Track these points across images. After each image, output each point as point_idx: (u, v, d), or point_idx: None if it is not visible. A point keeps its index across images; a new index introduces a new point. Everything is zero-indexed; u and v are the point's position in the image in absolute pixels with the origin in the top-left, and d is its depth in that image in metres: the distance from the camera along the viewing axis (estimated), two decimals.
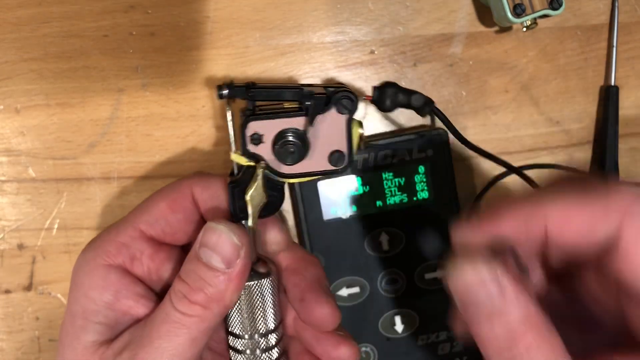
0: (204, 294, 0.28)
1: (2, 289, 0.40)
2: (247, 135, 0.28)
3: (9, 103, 0.39)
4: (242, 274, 0.28)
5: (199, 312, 0.28)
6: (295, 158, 0.29)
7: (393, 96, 0.33)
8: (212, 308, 0.28)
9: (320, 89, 0.30)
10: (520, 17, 0.37)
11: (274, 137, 0.29)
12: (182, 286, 0.28)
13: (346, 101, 0.28)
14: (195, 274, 0.28)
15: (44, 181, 0.39)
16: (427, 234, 0.39)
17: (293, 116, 0.28)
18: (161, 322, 0.28)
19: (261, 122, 0.28)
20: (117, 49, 0.39)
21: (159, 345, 0.28)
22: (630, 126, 0.42)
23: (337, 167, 0.30)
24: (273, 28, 0.40)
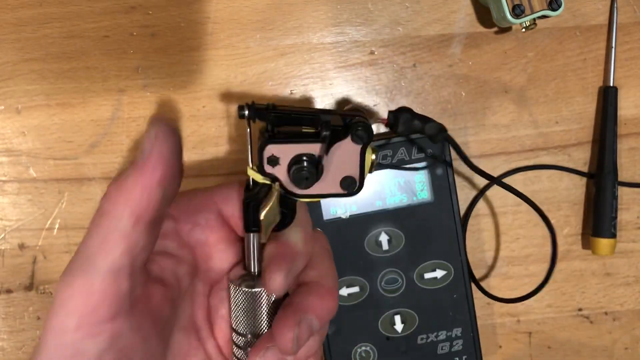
0: (114, 184, 0.27)
1: (3, 289, 0.40)
2: (264, 157, 0.29)
3: (10, 103, 0.39)
4: (152, 164, 0.26)
5: (106, 206, 0.27)
6: (308, 184, 0.30)
7: (408, 122, 0.34)
8: (119, 202, 0.26)
9: (337, 118, 0.30)
10: (520, 17, 0.37)
11: (290, 160, 0.30)
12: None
13: (362, 132, 0.29)
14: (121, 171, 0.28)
15: (45, 181, 0.40)
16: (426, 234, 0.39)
17: (309, 142, 0.29)
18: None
19: (279, 145, 0.29)
20: (118, 50, 0.39)
21: (78, 248, 0.27)
22: (629, 126, 0.42)
23: (347, 191, 0.31)
24: (273, 29, 0.40)
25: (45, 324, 0.27)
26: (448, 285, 0.40)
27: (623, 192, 0.42)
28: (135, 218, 0.26)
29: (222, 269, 0.33)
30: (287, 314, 0.29)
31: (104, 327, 0.26)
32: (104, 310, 0.26)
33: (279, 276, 0.28)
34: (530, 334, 0.43)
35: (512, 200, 0.42)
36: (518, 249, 0.42)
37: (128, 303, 0.27)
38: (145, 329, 0.29)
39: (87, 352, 0.26)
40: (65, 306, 0.26)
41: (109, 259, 0.26)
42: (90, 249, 0.26)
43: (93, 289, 0.26)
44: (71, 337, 0.26)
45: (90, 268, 0.26)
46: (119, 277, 0.26)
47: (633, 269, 0.43)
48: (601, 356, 0.44)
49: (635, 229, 0.43)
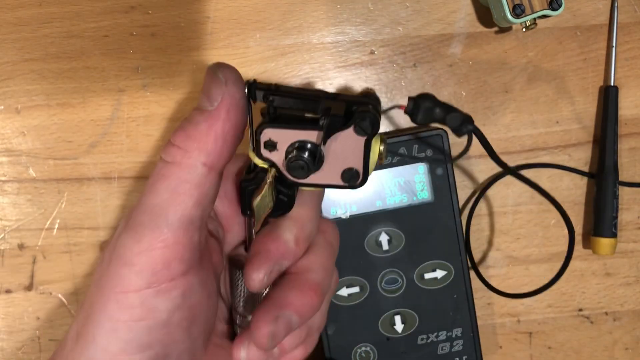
0: (183, 132, 0.25)
1: (2, 289, 0.40)
2: (261, 141, 0.28)
3: (9, 103, 0.39)
4: (225, 110, 0.25)
5: (177, 156, 0.25)
6: (304, 173, 0.28)
7: (429, 110, 0.30)
8: (192, 150, 0.25)
9: (341, 105, 0.28)
10: (520, 17, 0.37)
11: (288, 146, 0.28)
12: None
13: (365, 124, 0.27)
14: (185, 119, 0.26)
15: (45, 181, 0.40)
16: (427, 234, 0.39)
17: (310, 129, 0.27)
18: (149, 179, 0.26)
19: (276, 130, 0.27)
20: (118, 50, 0.39)
21: (142, 203, 0.25)
22: (630, 126, 0.42)
23: (349, 184, 0.29)
24: (273, 28, 0.40)
25: (102, 283, 0.25)
26: (448, 285, 0.40)
27: (623, 192, 0.42)
28: (208, 167, 0.25)
29: (237, 243, 0.32)
30: (265, 309, 0.28)
31: (177, 282, 0.25)
32: (178, 264, 0.25)
33: (259, 275, 0.27)
34: (531, 334, 0.43)
35: (512, 200, 0.42)
36: (518, 249, 0.42)
37: (198, 256, 0.26)
38: (209, 284, 0.28)
39: (158, 309, 0.25)
40: (133, 264, 0.25)
41: (180, 211, 0.25)
42: (158, 200, 0.25)
43: (166, 243, 0.25)
44: (141, 296, 0.25)
45: (161, 221, 0.25)
46: (190, 229, 0.25)
47: (633, 269, 0.43)
48: (601, 356, 0.43)
49: (636, 229, 0.43)
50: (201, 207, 0.26)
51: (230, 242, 0.32)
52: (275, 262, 0.28)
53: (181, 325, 0.26)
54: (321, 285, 0.29)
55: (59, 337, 0.41)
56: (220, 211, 0.31)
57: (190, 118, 0.26)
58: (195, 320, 0.27)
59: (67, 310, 0.41)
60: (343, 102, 0.28)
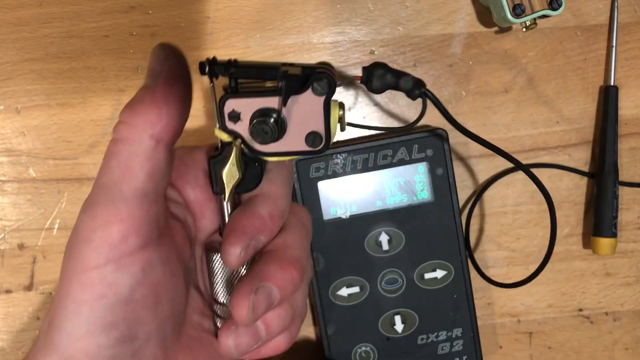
0: (129, 108, 0.26)
1: (2, 289, 0.40)
2: (225, 113, 0.28)
3: (9, 103, 0.39)
4: (166, 83, 0.26)
5: (124, 132, 0.25)
6: (269, 138, 0.28)
7: (382, 77, 0.32)
8: (137, 124, 0.25)
9: (298, 68, 0.29)
10: (520, 17, 0.37)
11: (252, 115, 0.28)
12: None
13: (322, 83, 0.28)
14: (132, 98, 0.26)
15: (45, 181, 0.39)
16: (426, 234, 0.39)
17: (271, 96, 0.28)
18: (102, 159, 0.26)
19: (238, 100, 0.28)
20: (118, 50, 0.39)
21: (96, 181, 0.26)
22: (630, 126, 0.42)
23: (313, 148, 0.29)
24: (273, 28, 0.40)
25: (66, 264, 0.25)
26: (448, 285, 0.40)
27: (623, 192, 0.42)
28: (155, 140, 0.25)
29: (213, 230, 0.32)
30: (244, 283, 0.28)
31: (135, 256, 0.25)
32: (135, 238, 0.25)
33: (236, 250, 0.28)
34: (531, 334, 0.43)
35: (512, 200, 0.42)
36: (518, 249, 0.42)
37: (157, 231, 0.26)
38: (172, 263, 0.28)
39: (119, 285, 0.25)
40: (91, 240, 0.25)
41: (133, 184, 0.25)
42: (110, 177, 0.25)
43: (121, 216, 0.25)
44: (101, 272, 0.25)
45: (115, 196, 0.25)
46: (145, 202, 0.25)
47: (633, 269, 0.43)
48: (601, 356, 0.43)
49: (636, 229, 0.43)
50: (154, 179, 0.26)
51: (204, 229, 0.32)
52: (251, 236, 0.28)
53: (145, 303, 0.26)
54: (300, 261, 0.29)
55: None
56: (192, 198, 0.31)
57: (135, 96, 0.26)
58: (160, 300, 0.27)
59: None
60: (300, 66, 0.29)
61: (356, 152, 0.38)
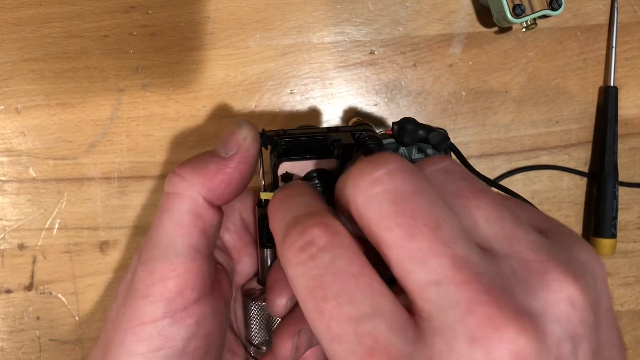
0: (189, 165, 0.26)
1: (2, 289, 0.40)
2: (278, 174, 0.29)
3: (9, 103, 0.39)
4: (237, 161, 0.27)
5: (179, 186, 0.26)
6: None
7: (412, 133, 0.34)
8: (195, 183, 0.26)
9: (347, 134, 0.31)
10: (520, 17, 0.37)
11: (304, 176, 0.30)
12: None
13: (372, 146, 0.29)
14: (194, 156, 0.27)
15: (45, 181, 0.39)
16: None
17: (322, 158, 0.29)
18: (155, 214, 0.27)
19: (292, 162, 0.29)
20: (118, 49, 0.39)
21: (150, 237, 0.26)
22: (630, 126, 0.42)
23: None
24: (273, 28, 0.40)
25: (119, 317, 0.26)
26: None
27: (623, 192, 0.42)
28: (209, 200, 0.26)
29: (248, 274, 0.33)
30: (288, 324, 0.29)
31: (190, 310, 0.26)
32: (190, 292, 0.26)
33: (282, 300, 0.28)
34: None
35: None
36: None
37: (209, 284, 0.27)
38: (221, 313, 0.29)
39: (174, 338, 0.26)
40: (149, 295, 0.26)
41: (187, 241, 0.26)
42: (164, 234, 0.26)
43: (178, 272, 0.26)
44: (157, 326, 0.25)
45: (170, 252, 0.26)
46: (198, 258, 0.26)
47: (633, 269, 0.43)
48: None
49: (636, 229, 0.43)
50: (206, 236, 0.27)
51: (241, 272, 0.33)
52: None
53: (196, 354, 0.27)
54: None
55: (58, 337, 0.41)
56: (230, 244, 0.32)
57: (200, 156, 0.27)
58: (209, 350, 0.28)
59: (67, 310, 0.41)
60: (347, 132, 0.31)
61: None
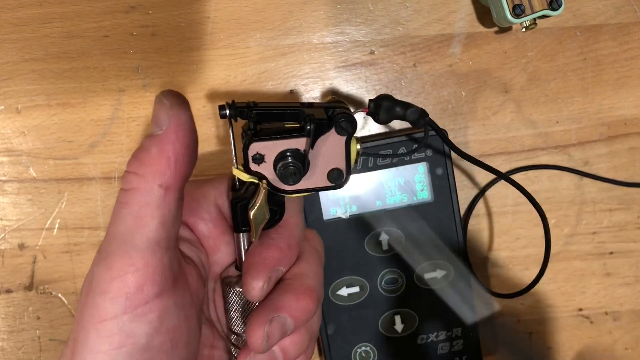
0: (136, 159, 0.26)
1: (3, 289, 0.40)
2: (249, 155, 0.29)
3: (10, 103, 0.39)
4: (173, 132, 0.26)
5: (134, 182, 0.26)
6: (296, 179, 0.29)
7: (389, 109, 0.33)
8: (146, 175, 0.26)
9: (321, 110, 0.30)
10: (520, 17, 0.37)
11: (276, 157, 0.29)
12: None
13: (345, 123, 0.29)
14: (138, 147, 0.27)
15: (45, 181, 0.40)
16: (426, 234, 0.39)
17: (294, 137, 0.29)
18: (113, 209, 0.27)
19: (263, 143, 0.29)
20: (118, 50, 0.39)
21: (108, 232, 0.26)
22: (630, 126, 0.42)
23: (335, 183, 0.31)
24: (273, 28, 0.40)
25: (82, 316, 0.26)
26: (448, 285, 0.40)
27: (623, 192, 0.42)
28: (165, 189, 0.26)
29: (227, 263, 0.32)
30: (260, 312, 0.28)
31: (151, 305, 0.26)
32: (150, 287, 0.26)
33: (258, 283, 0.28)
34: (531, 334, 0.43)
35: (512, 200, 0.42)
36: (518, 249, 0.42)
37: (171, 277, 0.27)
38: (187, 308, 0.28)
39: (136, 334, 0.26)
40: (107, 292, 0.25)
41: (145, 234, 0.26)
42: (123, 227, 0.26)
43: (136, 266, 0.25)
44: (118, 322, 0.25)
45: (127, 246, 0.26)
46: (158, 251, 0.26)
47: (633, 269, 0.43)
48: (601, 356, 0.44)
49: (636, 229, 0.43)
50: (165, 228, 0.26)
51: (219, 262, 0.32)
52: (272, 268, 0.29)
53: (162, 349, 0.27)
54: (315, 290, 0.30)
55: (59, 337, 0.41)
56: (206, 234, 0.32)
57: (141, 145, 0.27)
58: (176, 344, 0.27)
59: (67, 310, 0.41)
60: (321, 107, 0.30)
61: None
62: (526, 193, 0.35)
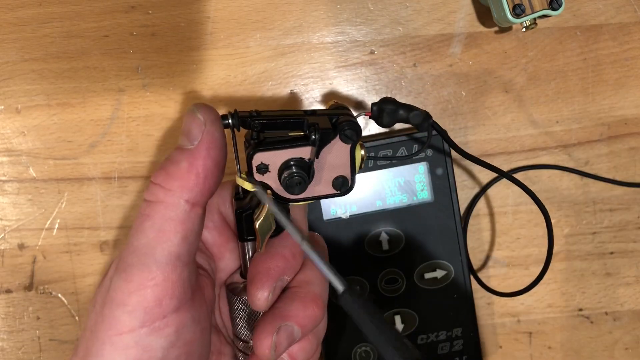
0: (164, 172, 0.26)
1: (2, 289, 0.40)
2: (253, 165, 0.29)
3: (9, 103, 0.39)
4: (205, 148, 0.26)
5: (160, 195, 0.26)
6: (302, 188, 0.29)
7: (392, 113, 0.33)
8: (174, 189, 0.25)
9: (324, 118, 0.30)
10: (520, 17, 0.37)
11: (280, 166, 0.29)
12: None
13: (350, 132, 0.29)
14: (166, 158, 0.27)
15: (45, 181, 0.40)
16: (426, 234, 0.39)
17: (298, 146, 0.29)
18: (135, 220, 0.26)
19: (267, 152, 0.28)
20: (118, 49, 0.39)
21: (130, 244, 0.26)
22: (630, 126, 0.42)
23: (341, 190, 0.30)
24: (273, 28, 0.40)
25: (96, 327, 0.25)
26: (448, 285, 0.40)
27: (623, 192, 0.42)
28: (191, 204, 0.26)
29: (232, 270, 0.32)
30: (267, 321, 0.28)
31: (169, 319, 0.26)
32: (169, 301, 0.25)
33: (263, 294, 0.28)
34: (531, 334, 0.43)
35: (512, 200, 0.42)
36: (518, 249, 0.42)
37: (189, 291, 0.27)
38: (203, 321, 0.28)
39: (153, 348, 0.25)
40: (126, 304, 0.25)
41: (167, 248, 0.25)
42: (144, 240, 0.26)
43: (156, 281, 0.25)
44: (135, 335, 0.25)
45: (148, 260, 0.25)
46: (178, 266, 0.26)
47: (633, 269, 0.43)
48: (601, 356, 0.43)
49: (636, 229, 0.43)
50: (187, 242, 0.26)
51: (224, 269, 0.32)
52: (278, 278, 0.29)
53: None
54: (321, 297, 0.30)
55: (58, 337, 0.41)
56: (210, 242, 0.32)
57: (171, 157, 0.26)
58: (190, 357, 0.27)
59: (67, 310, 0.41)
60: (325, 115, 0.30)
61: None
62: (528, 191, 0.35)
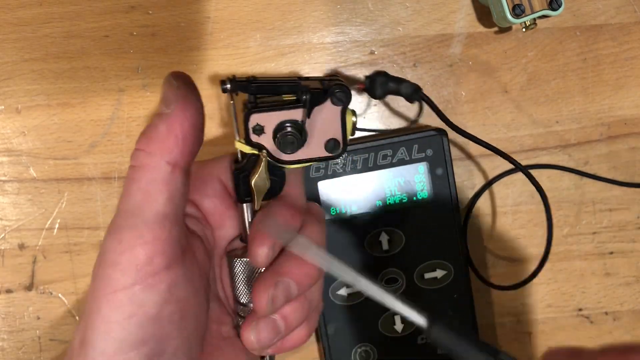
0: (145, 137, 0.27)
1: (3, 289, 0.40)
2: (249, 127, 0.31)
3: (10, 103, 0.39)
4: (181, 111, 0.27)
5: (142, 159, 0.27)
6: (294, 148, 0.31)
7: (383, 84, 0.35)
8: (155, 152, 0.27)
9: (316, 82, 0.32)
10: (520, 17, 0.37)
11: (275, 127, 0.31)
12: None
13: (340, 94, 0.31)
14: (147, 125, 0.28)
15: (45, 181, 0.40)
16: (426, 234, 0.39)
17: (292, 108, 0.30)
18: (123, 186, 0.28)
19: (262, 114, 0.30)
20: (118, 49, 0.39)
21: (119, 209, 0.27)
22: (630, 126, 0.42)
23: (332, 153, 0.32)
24: (273, 29, 0.40)
25: (93, 288, 0.27)
26: (448, 285, 0.40)
27: (623, 192, 0.42)
28: (172, 166, 0.27)
29: (232, 237, 0.33)
30: (265, 276, 0.30)
31: (161, 276, 0.27)
32: (160, 258, 0.27)
33: (264, 249, 0.29)
34: (531, 334, 0.43)
35: (512, 200, 0.42)
36: (518, 249, 0.42)
37: (179, 250, 0.28)
38: (196, 280, 0.29)
39: (147, 304, 0.26)
40: (118, 263, 0.26)
41: (154, 208, 0.27)
42: (132, 203, 0.27)
43: (146, 239, 0.26)
44: (129, 293, 0.26)
45: (137, 220, 0.26)
46: (166, 225, 0.27)
47: (633, 269, 0.43)
48: None
49: (636, 229, 0.43)
50: (173, 202, 0.27)
51: (225, 236, 0.33)
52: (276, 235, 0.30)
53: (172, 319, 0.27)
54: None
55: (59, 337, 0.41)
56: (211, 210, 0.33)
57: (150, 123, 0.28)
58: (185, 316, 0.28)
59: (68, 310, 0.41)
60: (315, 80, 0.32)
61: (356, 152, 0.38)
62: (536, 184, 0.35)
